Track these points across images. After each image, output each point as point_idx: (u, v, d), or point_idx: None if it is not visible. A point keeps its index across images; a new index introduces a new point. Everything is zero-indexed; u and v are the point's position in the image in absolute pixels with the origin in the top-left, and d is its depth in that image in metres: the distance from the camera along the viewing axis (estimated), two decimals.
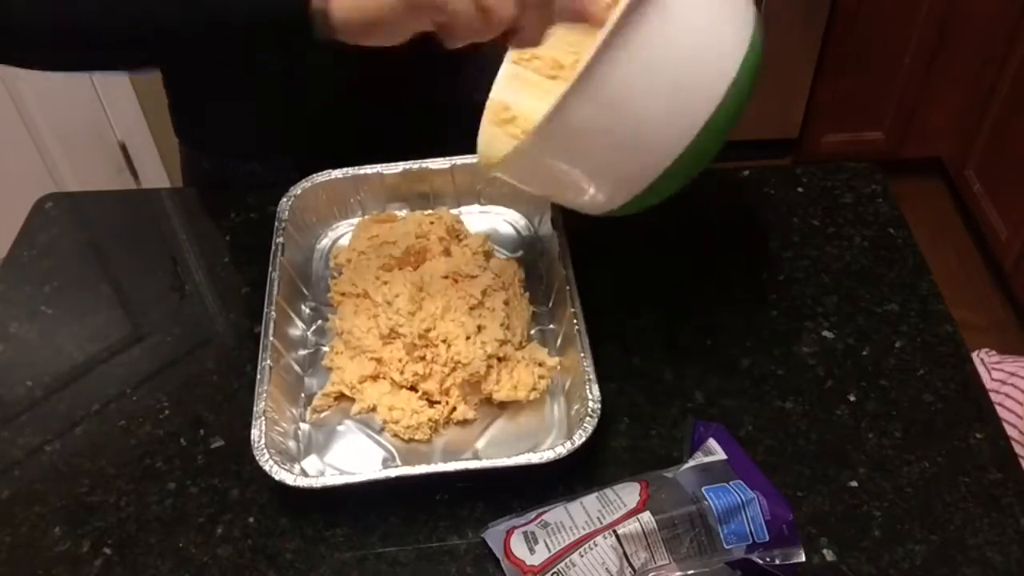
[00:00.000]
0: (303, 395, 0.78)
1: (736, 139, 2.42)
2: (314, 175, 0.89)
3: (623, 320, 0.83)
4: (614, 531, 0.61)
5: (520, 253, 0.89)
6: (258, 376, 0.73)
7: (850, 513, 0.70)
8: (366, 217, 0.91)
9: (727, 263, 0.90)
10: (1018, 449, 0.73)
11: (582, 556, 0.61)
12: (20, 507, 0.72)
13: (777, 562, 0.63)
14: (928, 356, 0.80)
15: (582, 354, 0.73)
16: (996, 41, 1.94)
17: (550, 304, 0.83)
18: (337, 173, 0.89)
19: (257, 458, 0.68)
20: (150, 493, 0.73)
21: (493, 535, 0.66)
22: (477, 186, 0.92)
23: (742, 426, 0.75)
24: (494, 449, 0.74)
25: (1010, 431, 0.80)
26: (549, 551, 0.62)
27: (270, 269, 0.81)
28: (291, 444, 0.73)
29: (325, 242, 0.91)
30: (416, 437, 0.74)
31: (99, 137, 1.95)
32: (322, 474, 0.71)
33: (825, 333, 0.83)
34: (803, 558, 0.63)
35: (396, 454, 0.73)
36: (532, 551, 0.63)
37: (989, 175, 2.05)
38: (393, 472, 0.68)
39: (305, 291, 0.85)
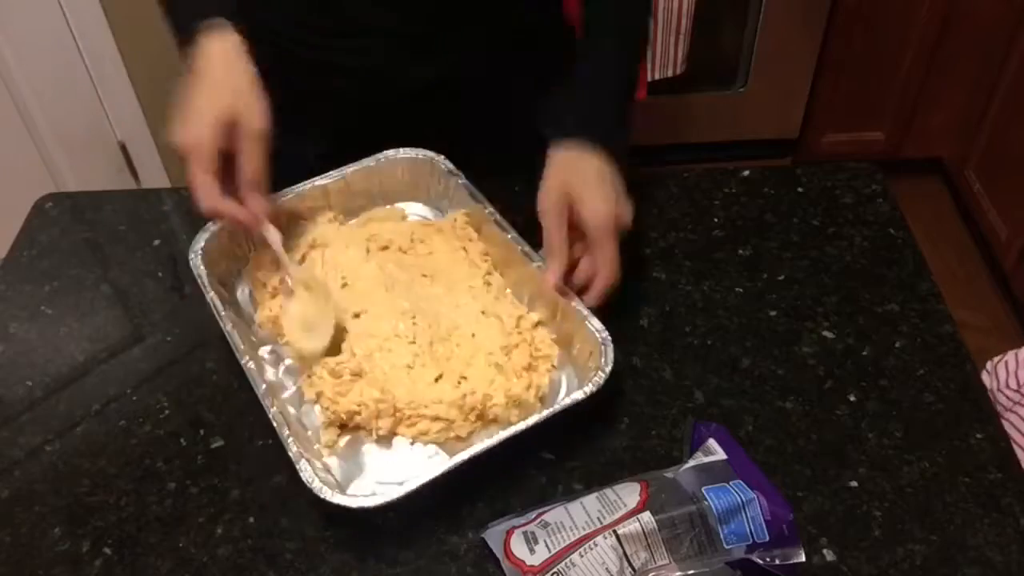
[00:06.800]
0: (309, 431, 0.75)
1: (736, 139, 2.45)
2: (208, 225, 0.83)
3: (623, 320, 0.83)
4: (614, 531, 0.61)
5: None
6: (275, 425, 0.70)
7: (850, 513, 0.69)
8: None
9: (727, 263, 0.90)
10: None
11: (582, 556, 0.61)
12: (20, 507, 0.72)
13: (777, 562, 0.63)
14: (928, 356, 0.80)
15: (571, 302, 0.75)
16: (996, 41, 1.94)
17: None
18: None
19: (325, 497, 0.65)
20: (150, 493, 0.73)
21: (493, 535, 0.66)
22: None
23: (742, 426, 0.75)
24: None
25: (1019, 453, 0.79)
26: (549, 551, 0.62)
27: (222, 325, 0.76)
28: (330, 478, 0.71)
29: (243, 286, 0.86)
30: (444, 440, 0.74)
31: (99, 137, 1.94)
32: (373, 494, 0.68)
33: (825, 333, 0.83)
34: (803, 558, 0.63)
35: (438, 450, 0.73)
36: (532, 551, 0.63)
37: (989, 175, 2.05)
38: (442, 466, 0.66)
39: (254, 338, 0.81)
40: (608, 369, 0.72)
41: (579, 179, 0.76)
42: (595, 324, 0.75)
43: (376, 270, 0.84)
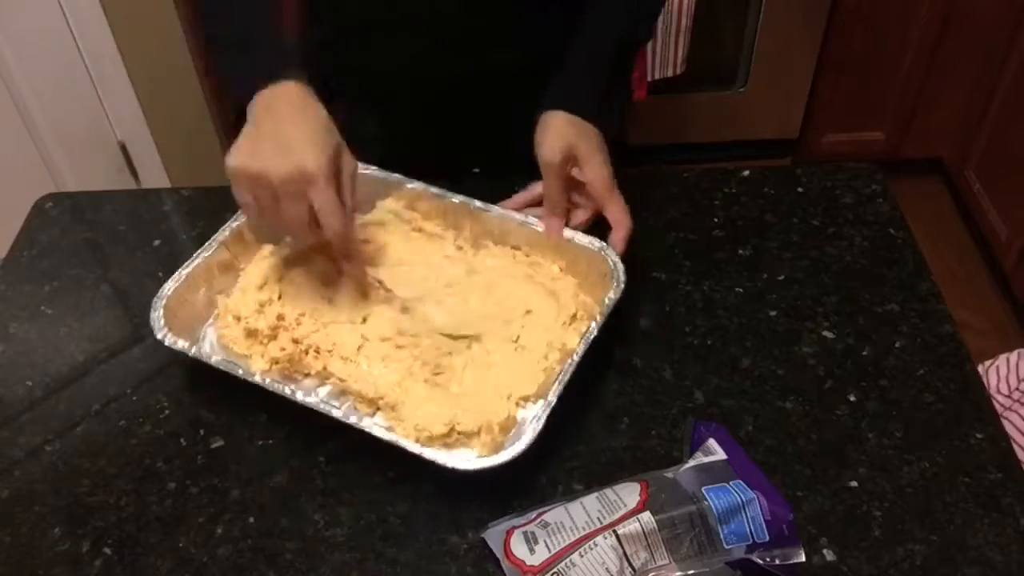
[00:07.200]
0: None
1: (736, 139, 2.45)
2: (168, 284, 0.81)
3: (623, 320, 0.83)
4: (614, 531, 0.61)
5: None
6: (375, 435, 0.70)
7: (850, 513, 0.69)
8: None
9: (727, 263, 0.90)
10: None
11: (582, 556, 0.61)
12: (20, 507, 0.72)
13: (777, 562, 0.63)
14: (928, 356, 0.80)
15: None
16: (996, 41, 1.94)
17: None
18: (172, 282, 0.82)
19: (476, 467, 0.67)
20: (150, 493, 0.73)
21: (493, 535, 0.66)
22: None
23: (742, 426, 0.75)
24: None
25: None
26: (549, 551, 0.62)
27: (260, 380, 0.74)
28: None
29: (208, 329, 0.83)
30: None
31: (99, 137, 1.94)
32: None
33: (825, 333, 0.83)
34: (803, 558, 0.63)
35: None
36: (532, 551, 0.63)
37: (989, 175, 2.05)
38: (541, 409, 0.69)
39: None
40: (622, 268, 0.79)
41: (584, 142, 0.83)
42: (584, 238, 0.82)
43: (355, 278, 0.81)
